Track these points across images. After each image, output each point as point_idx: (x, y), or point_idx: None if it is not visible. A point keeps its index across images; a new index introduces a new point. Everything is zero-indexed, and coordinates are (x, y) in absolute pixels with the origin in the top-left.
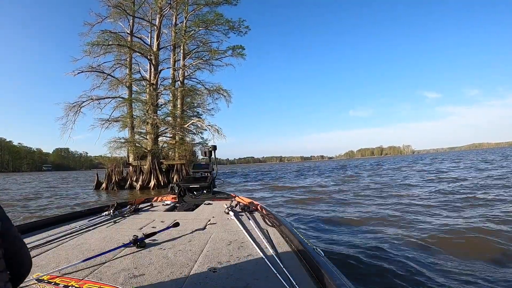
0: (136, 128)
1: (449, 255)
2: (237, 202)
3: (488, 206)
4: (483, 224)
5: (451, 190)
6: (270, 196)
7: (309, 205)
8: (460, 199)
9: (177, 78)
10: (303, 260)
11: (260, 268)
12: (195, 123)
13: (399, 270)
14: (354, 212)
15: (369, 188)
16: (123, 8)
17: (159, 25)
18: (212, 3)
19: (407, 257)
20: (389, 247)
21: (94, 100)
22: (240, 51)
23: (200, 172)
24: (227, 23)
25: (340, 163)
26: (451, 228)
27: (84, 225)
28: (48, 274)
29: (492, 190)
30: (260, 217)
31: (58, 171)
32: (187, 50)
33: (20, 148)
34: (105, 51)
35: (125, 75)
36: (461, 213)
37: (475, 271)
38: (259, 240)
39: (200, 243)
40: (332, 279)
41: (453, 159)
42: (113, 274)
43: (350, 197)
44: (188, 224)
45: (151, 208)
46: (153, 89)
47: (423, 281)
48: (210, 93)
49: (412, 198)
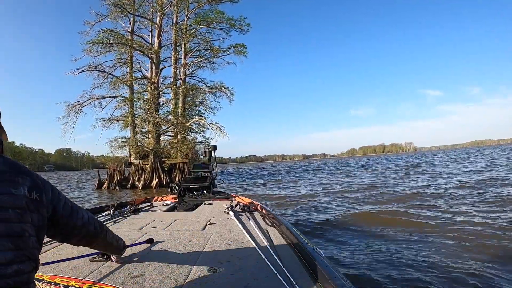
0: (138, 127)
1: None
2: (237, 202)
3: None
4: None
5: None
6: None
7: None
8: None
9: (179, 76)
10: (303, 260)
11: (260, 268)
12: (197, 122)
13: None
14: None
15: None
16: (124, 6)
17: (160, 23)
18: (213, 1)
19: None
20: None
21: (95, 100)
22: (242, 49)
23: (200, 172)
24: (229, 21)
25: (356, 160)
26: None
27: None
28: (48, 274)
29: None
30: (260, 217)
31: (60, 171)
32: (188, 49)
33: (22, 148)
34: (106, 50)
35: (126, 74)
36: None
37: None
38: (259, 240)
39: (200, 243)
40: (332, 279)
41: (472, 155)
42: (113, 274)
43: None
44: (188, 224)
45: (151, 208)
46: (154, 87)
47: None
48: (212, 91)
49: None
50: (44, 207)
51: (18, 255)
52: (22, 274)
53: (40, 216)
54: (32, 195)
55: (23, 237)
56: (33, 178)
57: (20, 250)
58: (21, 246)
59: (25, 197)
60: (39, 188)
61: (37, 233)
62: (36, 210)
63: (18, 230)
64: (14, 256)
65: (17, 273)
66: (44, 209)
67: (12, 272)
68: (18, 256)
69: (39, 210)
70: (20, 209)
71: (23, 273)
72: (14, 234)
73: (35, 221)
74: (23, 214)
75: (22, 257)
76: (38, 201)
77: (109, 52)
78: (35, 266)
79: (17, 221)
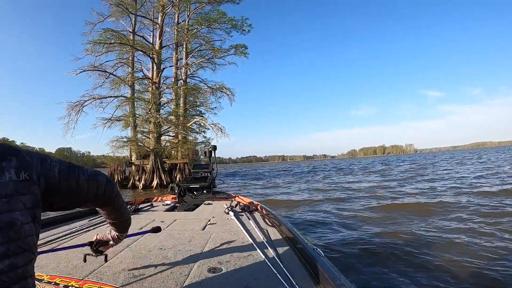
0: (139, 127)
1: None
2: (237, 202)
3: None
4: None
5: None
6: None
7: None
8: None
9: (180, 76)
10: (303, 260)
11: (260, 268)
12: (197, 122)
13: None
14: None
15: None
16: (125, 6)
17: (161, 24)
18: (214, 1)
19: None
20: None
21: (96, 99)
22: (243, 50)
23: (200, 172)
24: (230, 21)
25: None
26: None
27: (84, 225)
28: (48, 274)
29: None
30: (260, 217)
31: None
32: (190, 49)
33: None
34: (107, 50)
35: (127, 73)
36: None
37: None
38: (259, 240)
39: (200, 243)
40: (332, 279)
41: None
42: (113, 274)
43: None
44: (188, 224)
45: (151, 208)
46: (155, 87)
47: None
48: (213, 92)
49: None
50: (35, 184)
51: (10, 248)
52: (17, 268)
53: (32, 195)
54: (20, 176)
55: (14, 227)
56: (19, 156)
57: (13, 242)
58: (13, 237)
59: (12, 182)
60: (27, 166)
61: (32, 215)
62: (27, 191)
63: (7, 220)
64: (6, 249)
65: (10, 268)
66: (36, 186)
67: (5, 267)
68: (10, 249)
69: (30, 189)
70: (7, 197)
71: (17, 267)
72: (2, 225)
73: (28, 203)
74: (11, 202)
75: (15, 249)
76: (28, 180)
77: (110, 52)
78: (32, 257)
79: (5, 211)
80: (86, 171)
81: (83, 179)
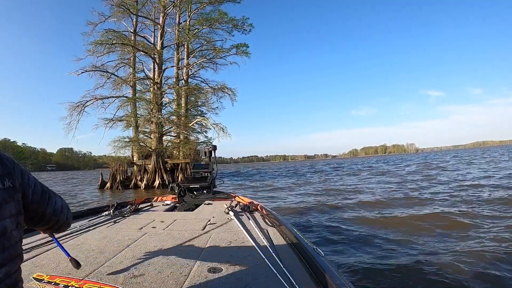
0: (141, 127)
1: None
2: (237, 202)
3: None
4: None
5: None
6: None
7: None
8: None
9: (181, 77)
10: (303, 260)
11: (260, 268)
12: (199, 122)
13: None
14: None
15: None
16: (126, 7)
17: (163, 24)
18: (215, 2)
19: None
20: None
21: (98, 100)
22: (244, 49)
23: (200, 172)
24: (231, 21)
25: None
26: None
27: (84, 225)
28: (48, 274)
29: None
30: (260, 217)
31: (62, 171)
32: (191, 49)
33: (24, 148)
34: (109, 50)
35: (129, 74)
36: None
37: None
38: (259, 240)
39: (200, 243)
40: (332, 279)
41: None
42: (113, 274)
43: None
44: (188, 224)
45: (151, 208)
46: (157, 88)
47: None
48: (215, 92)
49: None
50: (18, 191)
51: (5, 256)
52: (11, 275)
53: (15, 202)
54: (5, 184)
55: (5, 235)
56: (3, 163)
57: (6, 250)
58: (6, 245)
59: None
60: (10, 174)
61: (16, 222)
62: (11, 199)
63: (1, 229)
64: (1, 258)
65: (6, 275)
66: (19, 193)
67: (2, 276)
68: (5, 258)
69: (14, 197)
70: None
71: (11, 273)
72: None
73: (13, 210)
74: (1, 210)
75: (9, 257)
76: (12, 188)
77: (112, 52)
78: (20, 262)
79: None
80: (54, 204)
81: (48, 212)
